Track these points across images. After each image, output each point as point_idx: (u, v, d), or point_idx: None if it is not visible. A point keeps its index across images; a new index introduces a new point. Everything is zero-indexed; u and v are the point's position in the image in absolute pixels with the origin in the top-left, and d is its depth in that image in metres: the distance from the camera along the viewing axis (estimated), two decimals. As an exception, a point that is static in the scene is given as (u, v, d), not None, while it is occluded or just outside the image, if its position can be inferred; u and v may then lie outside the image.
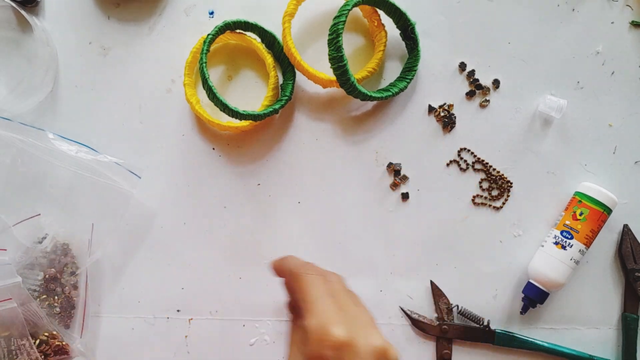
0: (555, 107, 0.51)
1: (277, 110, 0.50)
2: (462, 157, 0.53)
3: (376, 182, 0.53)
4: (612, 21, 0.52)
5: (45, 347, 0.49)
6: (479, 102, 0.53)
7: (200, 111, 0.51)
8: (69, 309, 0.51)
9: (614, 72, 0.52)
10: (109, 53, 0.54)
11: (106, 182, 0.51)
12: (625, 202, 0.52)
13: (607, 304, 0.52)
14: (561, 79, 0.52)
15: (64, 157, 0.51)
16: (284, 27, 0.50)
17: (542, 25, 0.53)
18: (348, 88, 0.48)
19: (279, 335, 0.53)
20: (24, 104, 0.52)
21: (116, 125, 0.54)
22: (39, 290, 0.51)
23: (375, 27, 0.51)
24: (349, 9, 0.47)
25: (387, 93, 0.50)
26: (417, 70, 0.52)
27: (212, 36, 0.48)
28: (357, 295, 0.36)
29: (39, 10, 0.54)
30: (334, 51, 0.47)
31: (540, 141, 0.52)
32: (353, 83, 0.48)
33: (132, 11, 0.54)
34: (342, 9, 0.47)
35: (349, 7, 0.47)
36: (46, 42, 0.52)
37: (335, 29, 0.47)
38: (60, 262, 0.51)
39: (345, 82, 0.48)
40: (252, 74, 0.54)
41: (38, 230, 0.51)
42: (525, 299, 0.51)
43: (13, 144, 0.50)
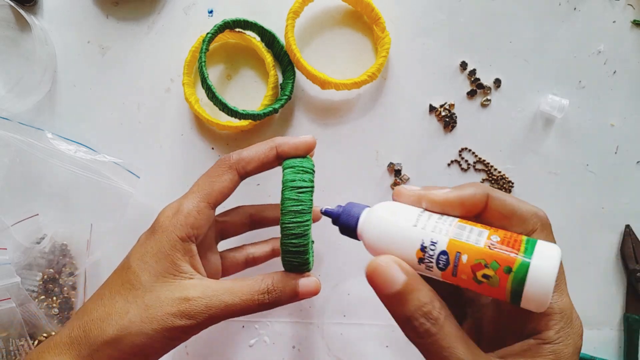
0: (557, 107, 0.51)
1: (276, 109, 0.50)
2: (463, 157, 0.52)
3: (377, 181, 0.53)
4: (613, 20, 0.52)
5: (43, 348, 0.49)
6: (480, 101, 0.53)
7: (200, 110, 0.51)
8: (68, 310, 0.51)
9: (615, 72, 0.52)
10: (107, 52, 0.54)
11: (105, 181, 0.51)
12: (626, 202, 0.52)
13: (609, 305, 0.52)
14: (563, 79, 0.52)
15: (63, 156, 0.51)
16: (287, 23, 0.49)
17: (543, 24, 0.52)
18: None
19: (279, 336, 0.53)
20: (22, 103, 0.52)
21: (115, 125, 0.54)
22: (37, 290, 0.51)
23: (380, 33, 0.51)
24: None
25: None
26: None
27: (211, 35, 0.48)
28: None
29: (37, 9, 0.54)
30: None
31: (542, 141, 0.52)
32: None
33: (131, 10, 0.54)
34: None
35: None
36: (44, 41, 0.52)
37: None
38: (59, 262, 0.51)
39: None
40: (252, 73, 0.54)
41: (36, 231, 0.51)
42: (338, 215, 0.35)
43: (11, 143, 0.50)
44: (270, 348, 0.53)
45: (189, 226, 0.37)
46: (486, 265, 0.28)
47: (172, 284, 0.36)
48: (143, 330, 0.34)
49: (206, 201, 0.38)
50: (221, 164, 0.39)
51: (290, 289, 0.38)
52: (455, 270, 0.29)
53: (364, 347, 0.52)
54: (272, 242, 0.47)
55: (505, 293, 0.27)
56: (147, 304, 0.35)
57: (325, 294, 0.53)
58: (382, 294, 0.29)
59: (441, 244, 0.29)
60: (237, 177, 0.39)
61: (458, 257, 0.28)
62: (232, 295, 0.36)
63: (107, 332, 0.35)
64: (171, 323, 0.35)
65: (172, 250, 0.37)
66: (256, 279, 0.37)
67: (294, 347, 0.53)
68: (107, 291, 0.37)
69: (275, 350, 0.53)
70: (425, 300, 0.28)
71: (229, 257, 0.45)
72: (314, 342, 0.53)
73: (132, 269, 0.37)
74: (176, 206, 0.38)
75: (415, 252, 0.30)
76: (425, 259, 0.29)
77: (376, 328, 0.52)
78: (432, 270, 0.30)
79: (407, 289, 0.28)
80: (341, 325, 0.53)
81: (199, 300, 0.35)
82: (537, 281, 0.27)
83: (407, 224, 0.31)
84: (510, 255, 0.27)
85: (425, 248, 0.29)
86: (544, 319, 0.28)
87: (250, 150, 0.40)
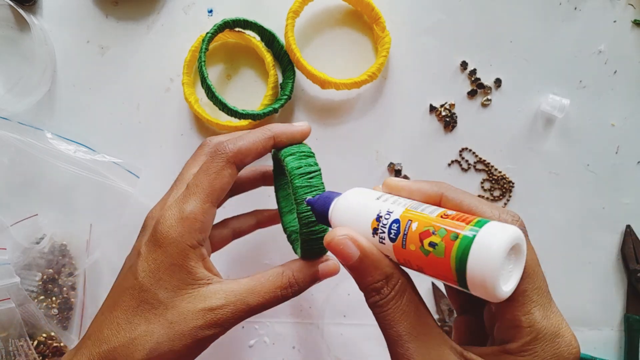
0: (558, 107, 0.51)
1: (276, 109, 0.50)
2: (464, 157, 0.52)
3: (377, 181, 0.53)
4: (614, 20, 0.52)
5: (43, 348, 0.49)
6: (480, 101, 0.52)
7: (199, 110, 0.51)
8: (67, 310, 0.51)
9: (616, 71, 0.52)
10: (107, 52, 0.54)
11: (105, 181, 0.51)
12: (627, 202, 0.52)
13: (609, 305, 0.52)
14: (563, 78, 0.52)
15: (62, 156, 0.51)
16: (287, 22, 0.49)
17: (544, 24, 0.52)
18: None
19: (279, 336, 0.53)
20: (21, 103, 0.52)
21: (114, 125, 0.53)
22: (36, 291, 0.50)
23: (380, 33, 0.51)
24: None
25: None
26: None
27: (211, 35, 0.48)
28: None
29: (37, 9, 0.53)
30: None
31: (543, 141, 0.52)
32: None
33: (131, 10, 0.53)
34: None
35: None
36: (44, 41, 0.52)
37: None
38: (58, 262, 0.51)
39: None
40: (252, 72, 0.53)
41: (36, 231, 0.51)
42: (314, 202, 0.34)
43: (11, 143, 0.50)
44: (270, 348, 0.53)
45: (198, 231, 0.35)
46: (434, 232, 0.26)
47: (191, 295, 0.34)
48: (173, 348, 0.33)
49: (209, 201, 0.36)
50: (217, 157, 0.36)
51: (311, 277, 0.37)
52: (404, 240, 0.28)
53: (364, 347, 0.52)
54: (256, 214, 0.46)
55: (450, 267, 0.25)
56: (172, 321, 0.33)
57: (325, 295, 0.53)
58: (342, 264, 0.30)
59: (396, 213, 0.29)
60: (236, 171, 0.37)
61: (409, 225, 0.28)
62: (255, 295, 0.35)
63: (136, 357, 0.33)
64: (201, 335, 0.34)
65: (185, 261, 0.34)
66: (276, 274, 0.36)
67: (294, 348, 0.53)
68: (122, 313, 0.34)
69: (275, 350, 0.52)
70: (378, 277, 0.29)
71: (216, 234, 0.44)
72: (314, 342, 0.53)
73: (146, 287, 0.34)
74: (177, 213, 0.35)
75: (371, 222, 0.29)
76: (378, 229, 0.29)
77: (376, 328, 0.52)
78: (384, 242, 0.29)
79: (361, 264, 0.29)
80: (341, 326, 0.53)
81: (225, 308, 0.34)
82: (482, 255, 0.24)
83: (370, 199, 0.30)
84: (459, 225, 0.26)
85: (380, 217, 0.29)
86: (512, 330, 0.28)
87: (247, 141, 0.37)
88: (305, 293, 0.53)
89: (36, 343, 0.49)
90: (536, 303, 0.28)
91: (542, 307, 0.28)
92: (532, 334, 0.27)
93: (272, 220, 0.47)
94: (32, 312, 0.48)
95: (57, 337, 0.49)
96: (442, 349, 0.28)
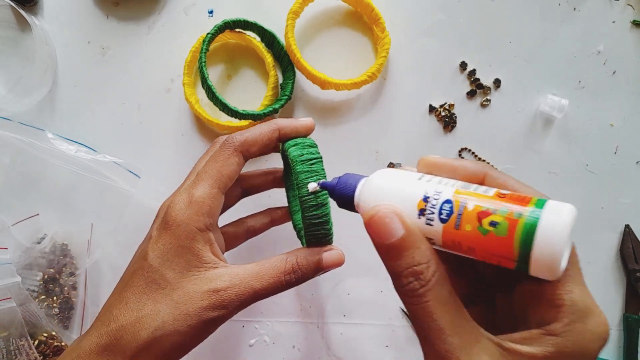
0: (557, 107, 0.51)
1: (276, 109, 0.50)
2: (463, 157, 0.52)
3: (376, 182, 0.53)
4: (613, 20, 0.52)
5: (44, 347, 0.49)
6: (480, 101, 0.53)
7: (200, 111, 0.51)
8: (68, 310, 0.51)
9: (615, 72, 0.52)
10: (108, 52, 0.54)
11: (105, 181, 0.51)
12: (626, 202, 0.52)
13: (609, 305, 0.52)
14: (562, 79, 0.52)
15: (63, 156, 0.51)
16: (287, 23, 0.49)
17: (543, 24, 0.52)
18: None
19: (279, 336, 0.53)
20: (22, 103, 0.52)
21: (115, 125, 0.54)
22: (37, 290, 0.51)
23: (380, 33, 0.51)
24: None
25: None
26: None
27: (212, 35, 0.48)
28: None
29: (38, 10, 0.54)
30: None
31: (542, 141, 0.52)
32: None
33: (131, 10, 0.54)
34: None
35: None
36: (45, 42, 0.52)
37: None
38: (59, 262, 0.51)
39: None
40: (252, 73, 0.54)
41: (37, 231, 0.51)
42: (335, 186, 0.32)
43: (12, 143, 0.50)
44: (271, 348, 0.53)
45: (206, 215, 0.36)
46: (494, 211, 0.25)
47: (198, 277, 0.35)
48: (177, 328, 0.34)
49: (217, 187, 0.38)
50: (225, 147, 0.39)
51: (314, 265, 0.37)
52: (459, 220, 0.26)
53: (364, 346, 0.52)
54: (270, 213, 0.48)
55: (513, 246, 0.25)
56: (177, 301, 0.35)
57: (325, 294, 0.53)
58: (377, 243, 0.28)
59: (446, 193, 0.27)
60: (243, 160, 0.39)
61: (464, 204, 0.26)
62: (259, 279, 0.36)
63: (141, 335, 0.34)
64: (205, 316, 0.34)
65: (192, 243, 0.36)
66: (280, 260, 0.37)
67: (294, 347, 0.53)
68: (131, 294, 0.36)
69: (275, 349, 0.53)
70: (420, 260, 0.27)
71: (230, 233, 0.45)
72: (314, 341, 0.53)
73: (155, 267, 0.36)
74: (187, 197, 0.37)
75: (416, 204, 0.28)
76: (426, 210, 0.27)
77: (376, 328, 0.53)
78: (432, 224, 0.27)
79: (404, 243, 0.27)
80: (341, 325, 0.53)
81: (229, 290, 0.35)
82: (550, 234, 0.24)
83: (409, 178, 0.29)
84: (520, 203, 0.25)
85: (428, 198, 0.27)
86: (553, 310, 0.26)
87: (253, 132, 0.39)
88: (305, 292, 0.53)
89: (37, 342, 0.49)
90: (575, 281, 0.27)
91: (580, 285, 0.28)
92: (575, 313, 0.26)
93: (286, 218, 0.48)
94: (33, 311, 0.48)
95: (58, 337, 0.50)
96: (483, 342, 0.26)
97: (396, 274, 0.27)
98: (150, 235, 0.37)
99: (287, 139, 0.40)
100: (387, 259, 0.28)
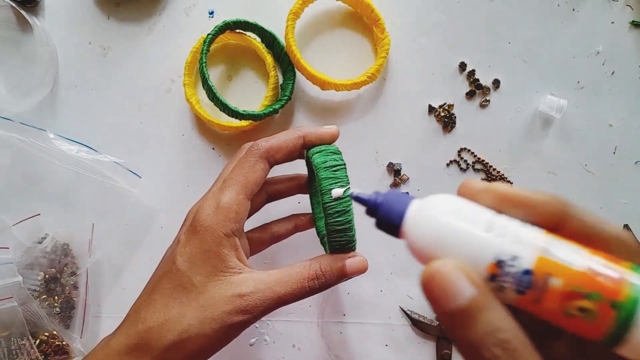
0: (556, 107, 0.51)
1: (277, 110, 0.50)
2: (462, 157, 0.53)
3: (376, 181, 0.53)
4: (612, 21, 0.52)
5: (45, 347, 0.49)
6: (479, 102, 0.53)
7: (200, 111, 0.51)
8: (69, 309, 0.51)
9: (614, 72, 0.52)
10: (108, 53, 0.54)
11: (106, 182, 0.51)
12: (625, 202, 0.52)
13: (607, 304, 0.52)
14: (561, 79, 0.52)
15: (64, 156, 0.51)
16: (288, 24, 0.50)
17: (542, 25, 0.53)
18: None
19: (279, 335, 0.53)
20: (23, 103, 0.52)
21: (116, 125, 0.54)
22: (39, 290, 0.51)
23: (379, 34, 0.51)
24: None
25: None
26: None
27: (212, 36, 0.48)
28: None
29: (39, 10, 0.54)
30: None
31: (541, 141, 0.52)
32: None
33: (132, 11, 0.54)
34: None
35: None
36: (46, 42, 0.52)
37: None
38: (61, 262, 0.51)
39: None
40: (252, 73, 0.54)
41: (38, 230, 0.51)
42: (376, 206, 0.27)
43: (13, 143, 0.50)
44: (271, 347, 0.53)
45: (232, 221, 0.37)
46: (586, 296, 0.22)
47: (223, 282, 0.36)
48: (203, 332, 0.35)
49: (244, 193, 0.38)
50: (251, 154, 0.39)
51: (338, 271, 0.38)
52: (539, 296, 0.22)
53: (364, 346, 0.53)
54: (294, 219, 0.48)
55: (602, 331, 0.22)
56: (203, 305, 0.35)
57: (325, 293, 0.53)
58: (439, 309, 0.23)
59: (525, 260, 0.23)
60: (268, 166, 0.40)
61: (548, 280, 0.22)
62: (283, 285, 0.36)
63: (168, 338, 0.35)
64: (230, 321, 0.35)
65: (219, 248, 0.36)
66: (304, 266, 0.37)
67: (294, 346, 0.53)
68: (159, 296, 0.36)
69: (276, 349, 0.53)
70: (501, 325, 0.22)
71: (255, 238, 0.46)
72: (314, 341, 0.53)
73: (182, 271, 0.36)
74: (214, 202, 0.37)
75: (487, 267, 0.23)
76: (499, 277, 0.23)
77: (376, 327, 0.53)
78: (504, 292, 0.23)
79: (476, 306, 0.22)
80: (341, 324, 0.53)
81: (253, 295, 0.35)
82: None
83: (477, 227, 0.24)
84: (618, 286, 0.22)
85: (503, 263, 0.23)
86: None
87: (278, 139, 0.40)
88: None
89: (38, 342, 0.49)
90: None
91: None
92: None
93: (309, 224, 0.48)
94: (35, 311, 0.48)
95: (59, 336, 0.50)
96: None
97: (472, 345, 0.22)
98: (179, 240, 0.38)
99: (311, 146, 0.40)
100: (457, 326, 0.22)
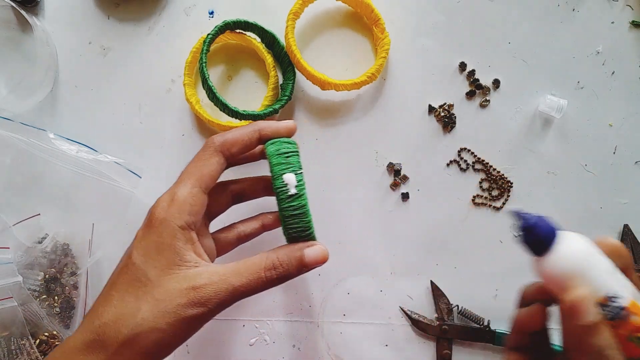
0: (556, 107, 0.51)
1: (277, 110, 0.50)
2: (462, 157, 0.53)
3: (376, 182, 0.53)
4: (612, 21, 0.52)
5: (45, 347, 0.49)
6: (479, 102, 0.53)
7: (200, 111, 0.51)
8: (69, 309, 0.51)
9: (614, 72, 0.52)
10: (108, 53, 0.54)
11: (107, 181, 0.51)
12: (625, 202, 0.52)
13: (607, 304, 0.52)
14: (561, 79, 0.52)
15: (65, 157, 0.51)
16: (288, 24, 0.50)
17: (542, 25, 0.53)
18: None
19: (279, 335, 0.53)
20: (24, 103, 0.52)
21: (116, 125, 0.54)
22: (39, 290, 0.51)
23: (379, 34, 0.51)
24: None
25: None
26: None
27: (212, 36, 0.48)
28: None
29: (39, 10, 0.54)
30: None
31: (541, 141, 0.52)
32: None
33: (132, 11, 0.54)
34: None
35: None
36: (46, 42, 0.52)
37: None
38: (61, 262, 0.51)
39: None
40: (252, 73, 0.54)
41: (38, 230, 0.51)
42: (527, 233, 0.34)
43: (13, 143, 0.50)
44: (271, 347, 0.53)
45: (187, 213, 0.37)
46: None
47: (178, 275, 0.36)
48: (157, 326, 0.34)
49: (198, 186, 0.38)
50: (206, 148, 0.40)
51: (296, 261, 0.37)
52: (619, 325, 0.30)
53: (364, 346, 0.53)
54: (261, 218, 0.47)
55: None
56: (157, 299, 0.35)
57: (325, 294, 0.53)
58: (571, 323, 0.30)
59: (624, 300, 0.30)
60: (224, 160, 0.40)
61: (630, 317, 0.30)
62: (238, 276, 0.36)
63: (122, 333, 0.34)
64: (184, 314, 0.35)
65: (173, 240, 0.36)
66: (261, 257, 0.37)
67: (294, 346, 0.53)
68: (115, 292, 0.36)
69: (276, 349, 0.53)
70: (612, 343, 0.30)
71: (221, 238, 0.45)
72: (314, 341, 0.53)
73: (137, 265, 0.36)
74: (169, 196, 0.38)
75: (599, 297, 0.31)
76: (606, 307, 0.30)
77: (376, 327, 0.53)
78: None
79: (601, 324, 0.30)
80: (341, 324, 0.53)
81: (207, 287, 0.35)
82: None
83: (604, 267, 0.31)
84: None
85: (612, 298, 0.30)
86: None
87: (234, 133, 0.40)
88: (305, 292, 0.53)
89: (38, 342, 0.49)
90: None
91: None
92: None
93: (277, 223, 0.47)
94: (35, 311, 0.49)
95: (59, 336, 0.50)
96: None
97: (600, 350, 0.29)
98: (136, 235, 0.38)
99: (268, 140, 0.40)
100: (584, 334, 0.30)
